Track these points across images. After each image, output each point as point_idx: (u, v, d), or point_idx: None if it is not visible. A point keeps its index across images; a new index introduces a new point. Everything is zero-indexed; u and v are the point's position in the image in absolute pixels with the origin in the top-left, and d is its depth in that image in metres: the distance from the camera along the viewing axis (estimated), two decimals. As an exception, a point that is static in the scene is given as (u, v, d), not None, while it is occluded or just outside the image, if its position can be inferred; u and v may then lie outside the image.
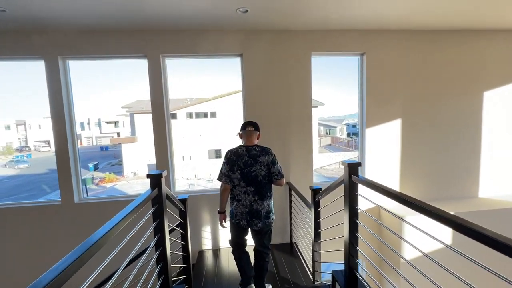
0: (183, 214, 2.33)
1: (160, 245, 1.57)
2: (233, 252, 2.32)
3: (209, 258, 3.50)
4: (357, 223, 1.75)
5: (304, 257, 3.37)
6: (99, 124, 37.54)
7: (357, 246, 1.74)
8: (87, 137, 37.79)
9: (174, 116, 19.37)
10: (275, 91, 3.54)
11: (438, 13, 3.14)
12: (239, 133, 2.24)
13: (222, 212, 2.27)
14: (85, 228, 3.36)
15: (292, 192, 3.53)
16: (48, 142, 34.05)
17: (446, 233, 3.39)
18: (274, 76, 3.52)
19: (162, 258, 1.58)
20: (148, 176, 1.54)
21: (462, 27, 3.59)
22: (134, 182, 17.65)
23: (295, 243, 3.68)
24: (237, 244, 2.27)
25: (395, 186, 3.87)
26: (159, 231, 1.56)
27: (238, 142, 2.35)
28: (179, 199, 2.24)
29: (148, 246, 1.62)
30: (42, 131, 34.03)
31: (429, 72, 3.74)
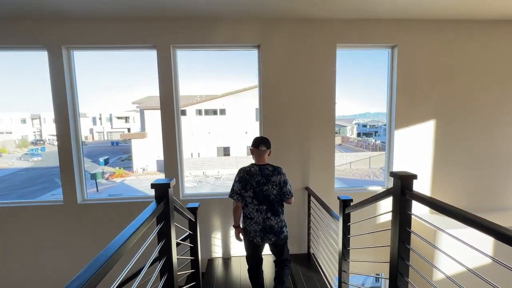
0: (192, 225, 2.04)
1: (166, 270, 1.28)
2: (248, 270, 2.29)
3: (219, 267, 3.22)
4: (409, 249, 1.41)
5: (325, 271, 3.05)
6: (111, 119, 38.07)
7: (408, 277, 1.40)
8: (98, 132, 38.39)
9: (183, 112, 19.14)
10: (295, 86, 3.20)
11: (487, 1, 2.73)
12: (251, 149, 2.21)
13: (237, 227, 2.22)
14: (87, 232, 3.16)
15: (312, 198, 3.21)
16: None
17: (486, 246, 3.00)
18: (294, 69, 3.18)
19: (169, 284, 1.30)
20: (153, 186, 1.26)
21: None
22: (143, 178, 17.64)
23: (313, 254, 3.36)
24: (254, 261, 2.26)
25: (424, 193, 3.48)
26: (165, 253, 1.28)
27: (245, 139, 2.06)
28: (188, 208, 1.96)
29: (153, 261, 1.33)
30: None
31: (470, 69, 3.32)
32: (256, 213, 2.09)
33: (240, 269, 3.17)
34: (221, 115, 19.68)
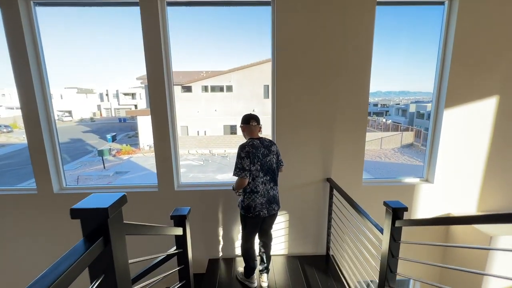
0: (181, 240, 1.48)
1: None
2: (244, 247, 2.33)
3: (221, 267, 2.75)
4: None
5: (347, 277, 2.54)
6: (117, 96, 37.69)
7: None
8: (106, 109, 38.24)
9: (189, 89, 18.48)
10: (318, 53, 2.48)
11: None
12: (241, 127, 2.28)
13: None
14: (63, 226, 2.71)
15: (335, 192, 2.61)
16: (70, 112, 34.81)
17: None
18: (317, 33, 2.44)
19: None
20: (74, 213, 0.65)
21: None
22: (149, 155, 17.40)
23: (332, 256, 2.83)
24: (252, 239, 2.32)
25: (473, 192, 2.84)
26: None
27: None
28: (173, 217, 1.40)
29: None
30: (64, 101, 34.70)
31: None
32: (261, 186, 2.15)
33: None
34: (228, 92, 18.83)
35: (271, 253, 2.46)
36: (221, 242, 2.88)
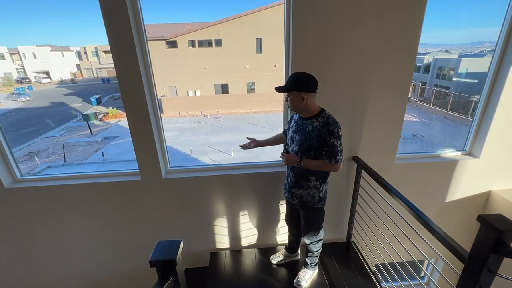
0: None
1: None
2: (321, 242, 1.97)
3: (226, 260, 2.36)
4: None
5: (370, 266, 2.19)
6: (97, 54, 34.60)
7: None
8: (86, 68, 35.37)
9: (174, 44, 16.72)
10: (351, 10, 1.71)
11: None
12: (303, 95, 1.53)
13: None
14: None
15: (363, 174, 2.09)
16: (48, 74, 32.21)
17: None
18: None
19: None
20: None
21: None
22: (138, 119, 16.47)
23: (353, 242, 2.45)
24: None
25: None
26: None
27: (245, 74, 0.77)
28: (156, 263, 0.86)
29: None
30: (38, 61, 31.87)
31: None
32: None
33: (255, 261, 2.32)
34: (217, 46, 17.16)
35: None
36: (224, 233, 2.44)
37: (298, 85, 1.51)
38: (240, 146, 1.94)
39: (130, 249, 2.42)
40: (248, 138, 1.95)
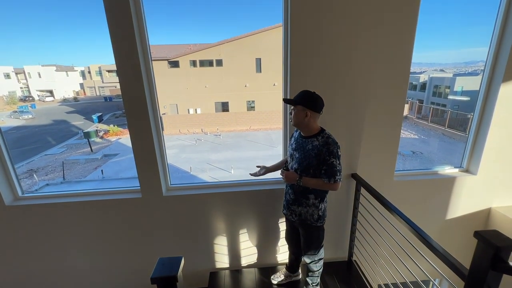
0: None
1: None
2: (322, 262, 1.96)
3: (225, 281, 2.30)
4: None
5: (372, 286, 2.14)
6: (100, 73, 35.44)
7: None
8: (90, 87, 36.09)
9: (176, 64, 17.20)
10: (345, 20, 1.82)
11: None
12: (307, 112, 1.59)
13: None
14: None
15: (362, 191, 2.11)
16: (51, 92, 32.80)
17: None
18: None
19: None
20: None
21: None
22: (138, 136, 16.59)
23: (355, 261, 2.41)
24: None
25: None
26: None
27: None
28: (157, 280, 0.87)
29: None
30: (43, 80, 32.56)
31: None
32: None
33: (255, 281, 2.27)
34: (218, 66, 17.65)
35: None
36: (224, 253, 2.40)
37: (305, 101, 1.58)
38: (250, 174, 1.99)
39: (129, 266, 2.38)
40: (257, 166, 1.99)
